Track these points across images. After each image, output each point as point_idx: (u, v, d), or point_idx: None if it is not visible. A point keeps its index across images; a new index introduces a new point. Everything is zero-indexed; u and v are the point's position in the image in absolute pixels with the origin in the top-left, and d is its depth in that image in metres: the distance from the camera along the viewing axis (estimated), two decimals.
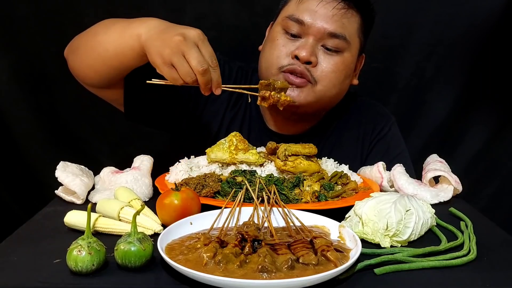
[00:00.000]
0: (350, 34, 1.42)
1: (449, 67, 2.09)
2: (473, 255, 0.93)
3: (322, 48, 1.42)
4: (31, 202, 1.98)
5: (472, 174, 2.14)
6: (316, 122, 1.59)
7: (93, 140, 2.12)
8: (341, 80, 1.46)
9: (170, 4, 2.01)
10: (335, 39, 1.40)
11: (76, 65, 1.43)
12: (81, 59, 1.40)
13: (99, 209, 1.06)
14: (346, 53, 1.44)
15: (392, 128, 1.65)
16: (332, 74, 1.43)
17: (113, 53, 1.30)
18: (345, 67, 1.45)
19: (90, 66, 1.38)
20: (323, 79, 1.42)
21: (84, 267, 0.81)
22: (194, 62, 1.13)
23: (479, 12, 2.00)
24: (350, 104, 1.64)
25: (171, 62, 1.14)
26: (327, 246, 0.86)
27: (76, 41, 1.44)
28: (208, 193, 1.17)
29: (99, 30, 1.37)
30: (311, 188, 1.20)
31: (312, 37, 1.40)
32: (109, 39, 1.31)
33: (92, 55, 1.35)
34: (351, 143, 1.61)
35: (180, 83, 1.17)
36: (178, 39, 1.13)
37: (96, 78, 1.41)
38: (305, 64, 1.40)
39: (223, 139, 1.35)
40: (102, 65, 1.35)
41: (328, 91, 1.45)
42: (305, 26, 1.40)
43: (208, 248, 0.84)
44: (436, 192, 1.30)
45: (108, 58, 1.32)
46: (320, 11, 1.39)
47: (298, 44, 1.41)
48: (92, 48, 1.35)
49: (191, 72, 1.14)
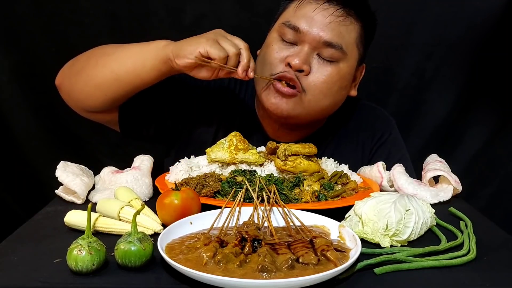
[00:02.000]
0: (347, 44, 1.37)
1: (449, 67, 2.09)
2: (472, 255, 0.93)
3: (316, 57, 1.37)
4: (31, 201, 1.98)
5: (472, 174, 2.14)
6: (314, 130, 1.56)
7: (93, 140, 2.13)
8: (334, 91, 1.40)
9: (170, 4, 2.01)
10: (331, 48, 1.35)
11: (77, 89, 1.42)
12: (85, 81, 1.39)
13: (99, 208, 1.06)
14: (342, 63, 1.38)
15: (393, 133, 1.61)
16: (324, 84, 1.37)
17: (131, 67, 1.33)
18: (339, 78, 1.39)
19: (98, 86, 1.37)
20: (313, 89, 1.37)
21: (84, 267, 0.81)
22: (235, 40, 1.28)
23: (479, 12, 2.00)
24: (349, 109, 1.59)
25: (216, 39, 1.26)
26: (327, 245, 0.86)
27: (78, 65, 1.43)
28: (208, 193, 1.17)
29: (110, 50, 1.39)
30: (311, 188, 1.20)
31: (307, 45, 1.35)
32: (128, 53, 1.34)
33: (102, 74, 1.35)
34: (351, 149, 1.58)
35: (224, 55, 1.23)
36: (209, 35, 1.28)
37: (99, 100, 1.40)
38: (297, 72, 1.35)
39: (223, 139, 1.35)
40: (115, 82, 1.35)
41: (319, 102, 1.39)
42: (300, 34, 1.35)
43: (208, 248, 0.84)
44: (436, 192, 1.30)
45: (124, 73, 1.34)
46: (316, 18, 1.35)
47: (292, 51, 1.37)
48: (103, 67, 1.36)
49: (234, 46, 1.25)
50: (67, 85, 1.45)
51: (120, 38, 2.02)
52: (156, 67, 1.31)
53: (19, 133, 2.08)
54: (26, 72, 2.03)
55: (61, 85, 1.46)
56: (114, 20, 2.01)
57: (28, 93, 2.06)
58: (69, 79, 1.44)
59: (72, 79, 1.43)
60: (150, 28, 2.03)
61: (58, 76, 1.48)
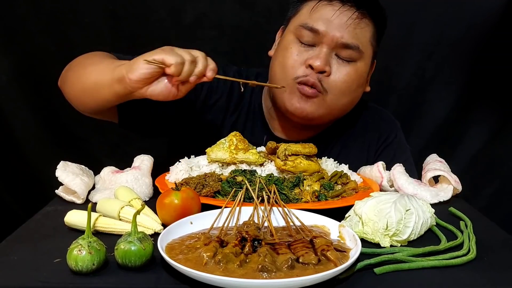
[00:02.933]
0: (363, 44, 1.41)
1: (449, 67, 2.09)
2: (472, 255, 0.93)
3: (335, 57, 1.40)
4: (31, 201, 1.97)
5: (472, 174, 2.14)
6: (322, 129, 1.57)
7: (93, 140, 2.13)
8: (352, 89, 1.44)
9: (170, 4, 2.01)
10: (349, 49, 1.39)
11: (69, 93, 1.44)
12: (71, 88, 1.42)
13: (99, 208, 1.06)
14: (359, 62, 1.42)
15: (398, 135, 1.63)
16: (344, 84, 1.41)
17: (92, 85, 1.31)
18: (357, 76, 1.43)
19: (78, 95, 1.40)
20: (334, 89, 1.40)
21: (85, 267, 0.81)
22: (191, 51, 1.20)
23: (479, 12, 2.00)
24: (355, 110, 1.60)
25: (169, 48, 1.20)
26: (327, 245, 0.86)
27: (68, 72, 1.45)
28: (208, 193, 1.17)
29: (88, 62, 1.38)
30: (311, 187, 1.20)
31: (326, 46, 1.38)
32: (97, 69, 1.32)
33: (77, 86, 1.38)
34: (357, 150, 1.59)
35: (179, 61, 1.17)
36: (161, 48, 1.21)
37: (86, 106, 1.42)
38: (319, 74, 1.38)
39: (223, 139, 1.35)
40: (86, 95, 1.36)
41: (339, 101, 1.43)
42: (319, 35, 1.38)
43: (208, 248, 0.84)
44: (436, 191, 1.30)
45: (89, 89, 1.33)
46: (334, 20, 1.37)
47: (312, 53, 1.39)
48: (78, 78, 1.37)
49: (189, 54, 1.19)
50: (64, 88, 1.47)
51: (120, 38, 2.04)
52: (111, 86, 1.25)
53: (19, 133, 2.08)
54: (26, 72, 2.04)
55: (61, 88, 1.49)
56: (114, 20, 2.01)
57: (28, 93, 2.06)
58: (65, 83, 1.46)
59: (66, 83, 1.46)
60: (150, 28, 2.03)
61: (60, 78, 1.50)
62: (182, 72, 1.18)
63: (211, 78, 1.22)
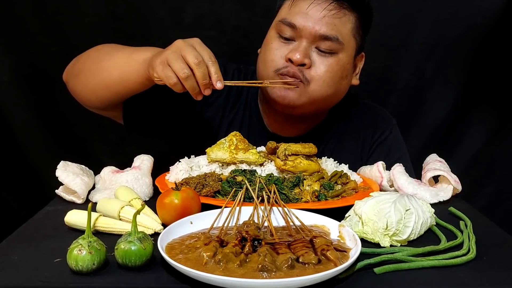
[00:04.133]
0: (343, 35, 1.41)
1: (449, 67, 2.09)
2: (472, 255, 0.93)
3: (316, 50, 1.41)
4: (31, 201, 1.98)
5: (472, 173, 2.14)
6: (316, 123, 1.59)
7: (93, 140, 2.13)
8: (336, 81, 1.44)
9: (170, 4, 2.01)
10: (328, 41, 1.40)
11: (78, 90, 1.47)
12: (83, 84, 1.44)
13: (100, 208, 1.06)
14: (341, 54, 1.43)
15: (393, 132, 1.64)
16: (326, 74, 1.41)
17: (117, 78, 1.35)
18: (339, 67, 1.43)
19: (92, 91, 1.42)
20: (317, 79, 1.41)
21: (85, 267, 0.81)
22: (189, 56, 1.15)
23: (479, 12, 2.00)
24: (350, 107, 1.63)
25: (167, 60, 1.16)
26: (327, 245, 0.86)
27: (77, 66, 1.47)
28: (208, 193, 1.17)
29: (102, 56, 1.41)
30: (311, 187, 1.20)
31: (305, 39, 1.40)
32: (115, 64, 1.35)
33: (95, 80, 1.39)
34: (351, 147, 1.60)
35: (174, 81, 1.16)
36: (177, 43, 1.19)
37: (98, 102, 1.45)
38: (299, 66, 1.39)
39: (223, 138, 1.35)
40: (105, 90, 1.39)
41: (323, 92, 1.43)
42: (297, 30, 1.40)
43: (208, 248, 0.84)
44: (436, 191, 1.30)
45: (112, 83, 1.36)
46: (311, 13, 1.39)
47: (291, 47, 1.41)
48: (95, 74, 1.39)
49: (184, 68, 1.14)
50: (71, 84, 1.49)
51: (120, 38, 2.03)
52: (140, 81, 1.32)
53: (19, 133, 2.08)
54: (26, 72, 2.03)
55: (67, 83, 1.51)
56: (114, 20, 2.01)
57: (28, 93, 2.05)
58: (72, 79, 1.48)
59: (74, 79, 1.47)
60: (150, 28, 2.03)
61: (64, 73, 1.52)
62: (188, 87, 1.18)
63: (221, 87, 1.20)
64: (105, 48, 1.45)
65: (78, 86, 1.46)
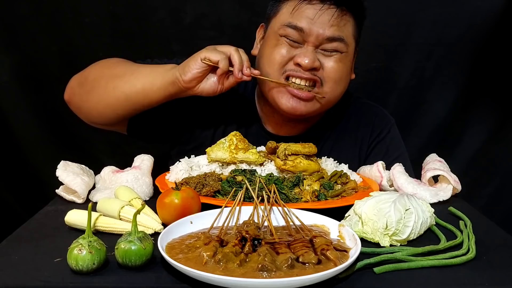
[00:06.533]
0: (347, 36, 1.44)
1: (448, 67, 2.09)
2: (472, 254, 0.93)
3: (321, 51, 1.43)
4: (32, 201, 1.98)
5: (471, 173, 2.15)
6: (314, 122, 1.59)
7: (93, 140, 2.13)
8: (344, 77, 1.47)
9: (170, 4, 2.01)
10: (334, 42, 1.42)
11: (88, 107, 1.48)
12: (96, 100, 1.45)
13: (100, 208, 1.06)
14: (344, 52, 1.45)
15: (391, 130, 1.64)
16: (336, 73, 1.44)
17: (140, 89, 1.39)
18: (344, 65, 1.46)
19: (108, 104, 1.43)
20: (327, 81, 1.44)
21: (85, 266, 0.81)
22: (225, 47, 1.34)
23: (479, 12, 2.00)
24: (349, 106, 1.63)
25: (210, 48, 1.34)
26: (326, 245, 0.86)
27: (88, 84, 1.48)
28: (208, 192, 1.17)
29: (119, 72, 1.44)
30: (311, 187, 1.20)
31: (311, 44, 1.41)
32: (138, 76, 1.40)
33: (113, 95, 1.42)
34: (349, 146, 1.61)
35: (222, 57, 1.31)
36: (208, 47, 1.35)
37: (111, 116, 1.47)
38: (310, 71, 1.41)
39: (223, 138, 1.35)
40: (124, 102, 1.42)
41: (334, 91, 1.46)
42: (303, 33, 1.40)
43: (208, 247, 0.84)
44: (436, 191, 1.30)
45: (134, 94, 1.40)
46: (316, 19, 1.40)
47: (298, 51, 1.42)
48: (114, 89, 1.41)
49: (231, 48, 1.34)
50: (78, 102, 1.50)
51: (120, 38, 2.04)
52: (165, 88, 1.37)
53: (20, 133, 2.08)
54: (26, 72, 2.04)
55: (71, 101, 1.52)
56: (114, 20, 2.01)
57: (28, 93, 2.06)
58: (79, 96, 1.49)
59: (82, 96, 1.48)
60: (150, 28, 2.03)
61: (66, 92, 1.52)
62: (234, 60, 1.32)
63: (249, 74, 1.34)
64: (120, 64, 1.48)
65: (90, 103, 1.47)
